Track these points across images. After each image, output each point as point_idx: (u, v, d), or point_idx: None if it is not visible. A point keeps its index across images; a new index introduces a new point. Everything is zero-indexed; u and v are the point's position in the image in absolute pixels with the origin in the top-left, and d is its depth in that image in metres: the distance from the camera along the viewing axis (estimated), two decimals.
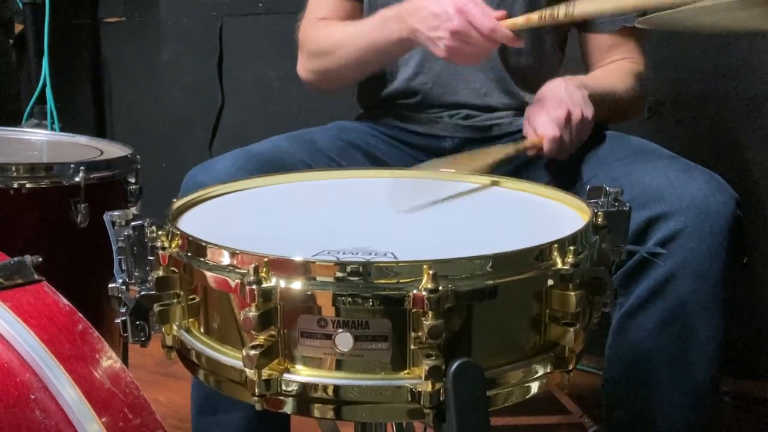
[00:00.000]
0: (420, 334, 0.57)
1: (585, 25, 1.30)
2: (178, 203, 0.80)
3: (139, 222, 0.70)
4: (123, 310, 0.69)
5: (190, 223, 0.77)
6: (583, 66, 1.32)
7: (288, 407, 0.60)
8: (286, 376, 0.60)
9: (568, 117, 1.04)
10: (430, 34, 1.05)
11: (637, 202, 0.94)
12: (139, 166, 1.29)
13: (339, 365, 0.59)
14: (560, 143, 1.05)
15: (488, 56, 1.10)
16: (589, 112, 1.07)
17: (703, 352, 0.97)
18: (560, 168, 1.18)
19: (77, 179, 1.14)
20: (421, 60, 1.24)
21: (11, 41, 2.55)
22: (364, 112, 1.38)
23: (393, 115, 1.29)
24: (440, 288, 0.56)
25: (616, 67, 1.27)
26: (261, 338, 0.59)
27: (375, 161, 1.24)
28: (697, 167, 1.02)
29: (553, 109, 1.05)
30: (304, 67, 1.32)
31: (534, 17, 1.04)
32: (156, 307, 0.67)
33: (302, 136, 1.23)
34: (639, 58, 1.29)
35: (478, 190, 0.91)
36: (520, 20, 1.05)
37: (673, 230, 0.94)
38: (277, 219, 0.83)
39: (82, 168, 1.14)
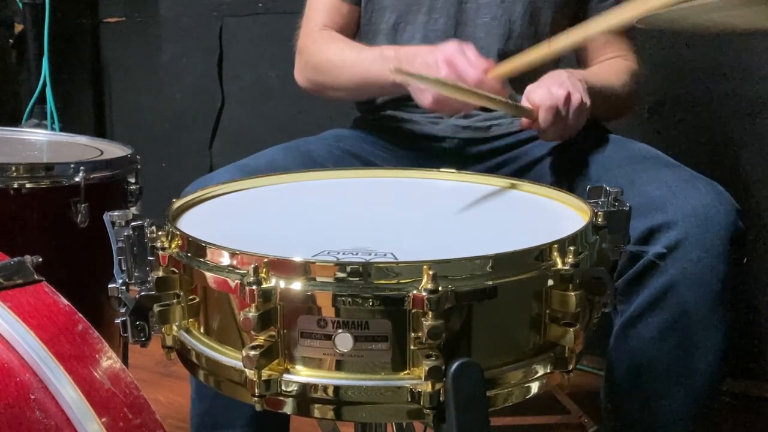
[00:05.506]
0: (420, 334, 0.57)
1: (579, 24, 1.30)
2: (178, 203, 0.81)
3: (139, 222, 0.70)
4: (123, 310, 0.69)
5: (190, 223, 0.77)
6: (577, 65, 1.32)
7: (288, 407, 0.60)
8: (285, 376, 0.60)
9: (568, 97, 1.03)
10: (419, 84, 1.06)
11: (639, 211, 0.93)
12: (139, 166, 1.29)
13: (339, 365, 0.59)
14: (556, 117, 1.03)
15: (473, 108, 1.13)
16: (588, 102, 1.07)
17: (704, 362, 0.96)
18: (562, 173, 1.18)
19: (77, 179, 1.14)
20: None
21: (11, 41, 2.54)
22: (362, 115, 1.38)
23: (391, 118, 1.29)
24: (440, 288, 0.56)
25: (612, 64, 1.27)
26: (261, 339, 0.59)
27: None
28: (700, 177, 1.02)
29: (555, 87, 1.04)
30: (300, 74, 1.34)
31: (518, 63, 1.07)
32: (156, 308, 0.67)
33: (298, 147, 1.22)
34: (632, 55, 1.29)
35: (477, 190, 0.91)
36: (506, 68, 1.07)
37: (674, 240, 0.94)
38: (277, 219, 0.83)
39: (82, 168, 1.14)
